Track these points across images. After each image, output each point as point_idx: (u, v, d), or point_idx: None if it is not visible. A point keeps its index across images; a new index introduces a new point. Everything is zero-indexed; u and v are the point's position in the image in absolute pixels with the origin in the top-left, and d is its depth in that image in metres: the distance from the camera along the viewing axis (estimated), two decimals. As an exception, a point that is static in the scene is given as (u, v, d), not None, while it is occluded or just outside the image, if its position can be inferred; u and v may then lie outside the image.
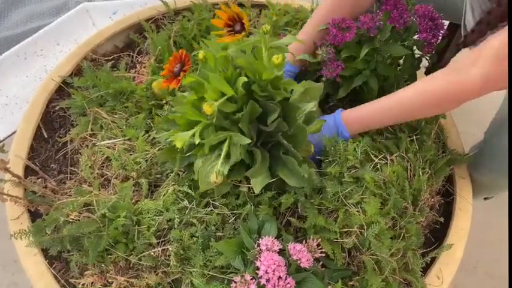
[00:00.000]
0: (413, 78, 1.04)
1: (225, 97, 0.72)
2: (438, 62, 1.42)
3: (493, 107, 0.95)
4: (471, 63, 0.75)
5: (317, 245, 0.76)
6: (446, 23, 1.28)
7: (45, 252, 0.85)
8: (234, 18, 0.69)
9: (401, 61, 1.00)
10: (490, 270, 1.34)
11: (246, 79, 0.74)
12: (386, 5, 0.91)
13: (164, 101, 1.04)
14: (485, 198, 1.22)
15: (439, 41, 0.92)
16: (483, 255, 1.37)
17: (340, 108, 0.91)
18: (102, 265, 0.83)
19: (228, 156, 0.81)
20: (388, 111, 0.86)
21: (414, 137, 0.92)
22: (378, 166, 0.85)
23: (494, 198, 1.29)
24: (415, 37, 0.93)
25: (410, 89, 0.83)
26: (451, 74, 0.78)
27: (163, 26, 1.23)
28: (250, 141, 0.76)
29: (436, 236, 0.91)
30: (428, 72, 1.46)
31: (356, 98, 1.06)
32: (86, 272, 0.83)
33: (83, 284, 0.82)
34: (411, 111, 0.85)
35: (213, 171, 0.81)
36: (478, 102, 1.64)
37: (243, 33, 0.68)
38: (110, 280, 0.82)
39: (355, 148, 0.86)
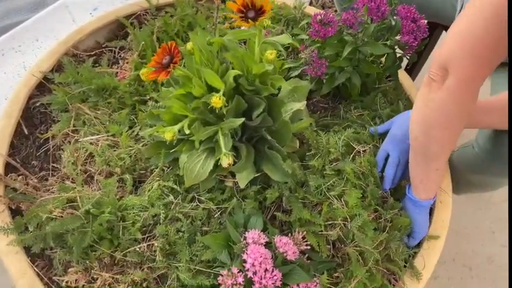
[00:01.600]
0: (395, 76, 1.06)
1: (221, 91, 0.72)
2: (417, 61, 1.46)
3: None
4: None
5: (302, 237, 0.77)
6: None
7: (27, 250, 0.83)
8: (247, 4, 0.70)
9: (383, 59, 1.02)
10: (468, 262, 1.38)
11: (237, 72, 0.75)
12: None
13: (148, 97, 1.03)
14: None
15: (419, 43, 0.93)
16: (461, 247, 1.41)
17: None
18: (87, 262, 0.82)
19: (214, 151, 0.81)
20: (494, 111, 0.83)
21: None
22: (357, 157, 0.86)
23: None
24: (398, 37, 0.95)
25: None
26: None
27: (145, 22, 1.22)
28: (243, 120, 0.76)
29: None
30: (408, 70, 1.50)
31: (339, 94, 1.08)
32: (69, 269, 0.82)
33: (67, 282, 0.81)
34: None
35: (199, 166, 0.82)
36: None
37: (260, 20, 0.68)
38: (94, 277, 0.81)
39: (336, 141, 0.87)
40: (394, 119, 0.89)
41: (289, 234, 0.79)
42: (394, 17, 0.95)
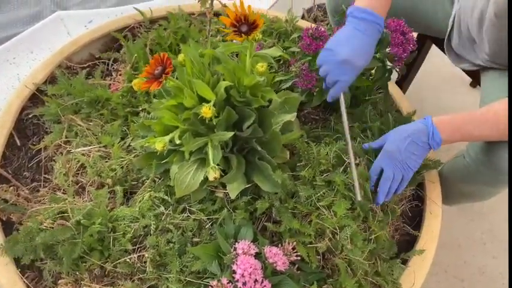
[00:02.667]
0: (385, 88, 1.07)
1: (212, 102, 0.73)
2: (407, 74, 1.48)
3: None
4: None
5: (292, 248, 0.78)
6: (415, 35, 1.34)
7: (17, 261, 0.83)
8: (240, 19, 0.71)
9: (373, 71, 1.03)
10: (459, 274, 1.38)
11: (228, 83, 0.76)
12: None
13: (140, 108, 1.04)
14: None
15: (408, 55, 0.95)
16: (453, 259, 1.41)
17: (429, 116, 0.88)
18: (77, 273, 0.81)
19: (205, 161, 0.82)
20: (484, 123, 0.84)
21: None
22: (348, 169, 0.87)
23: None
24: (387, 50, 0.97)
25: (503, 108, 0.81)
26: None
27: (139, 35, 1.23)
28: (234, 132, 0.77)
29: (408, 239, 0.94)
30: (399, 82, 1.52)
31: (329, 105, 1.09)
32: (59, 281, 0.82)
33: (57, 293, 0.81)
34: (505, 130, 0.82)
35: (189, 177, 0.83)
36: (446, 107, 1.71)
37: (252, 34, 0.70)
38: (84, 288, 0.81)
39: (327, 152, 0.88)
40: (386, 135, 0.90)
41: (279, 245, 0.79)
42: (384, 30, 0.97)
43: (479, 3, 0.94)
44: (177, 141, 0.75)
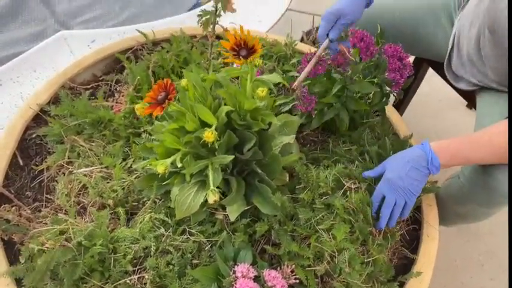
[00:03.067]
0: (382, 111, 1.09)
1: (213, 126, 0.75)
2: (404, 97, 1.51)
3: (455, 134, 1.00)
4: None
5: (291, 271, 0.78)
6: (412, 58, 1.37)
7: (18, 281, 0.83)
8: (240, 43, 0.73)
9: (371, 94, 1.06)
10: (457, 295, 1.39)
11: (229, 108, 0.78)
12: (354, 38, 0.96)
13: (142, 130, 1.06)
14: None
15: (405, 80, 0.97)
16: (450, 280, 1.42)
17: (426, 141, 0.90)
18: (77, 294, 0.82)
19: (205, 184, 0.83)
20: (481, 147, 0.87)
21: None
22: (348, 193, 0.89)
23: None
24: (385, 75, 0.99)
25: (499, 131, 0.84)
26: None
27: (142, 57, 1.26)
28: (234, 156, 0.79)
29: (405, 262, 0.95)
30: (396, 106, 1.54)
31: (328, 128, 1.11)
32: (60, 302, 0.83)
33: (57, 314, 0.82)
34: (501, 154, 0.84)
35: (190, 199, 0.84)
36: (443, 129, 1.73)
37: (251, 58, 0.72)
38: (84, 309, 0.81)
39: (326, 176, 0.90)
40: (385, 163, 0.91)
41: (278, 268, 0.80)
42: (382, 56, 1.00)
43: (476, 21, 0.97)
44: (179, 165, 0.77)
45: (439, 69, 1.34)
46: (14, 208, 0.91)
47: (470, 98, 1.23)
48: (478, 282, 1.42)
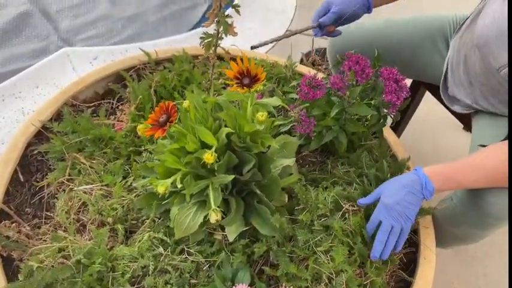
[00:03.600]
0: (380, 133, 1.11)
1: (213, 148, 0.76)
2: (401, 119, 1.53)
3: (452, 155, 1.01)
4: None
5: (289, 292, 0.79)
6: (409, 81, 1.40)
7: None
8: (243, 72, 0.75)
9: (368, 116, 1.07)
10: (454, 318, 1.38)
11: (229, 130, 0.79)
12: (349, 61, 0.98)
13: (143, 148, 1.07)
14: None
15: (402, 102, 0.99)
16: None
17: (419, 167, 0.91)
18: (74, 312, 0.82)
19: (205, 204, 0.84)
20: (474, 171, 0.89)
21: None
22: (346, 215, 0.89)
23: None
24: (382, 97, 1.01)
25: (491, 155, 0.87)
26: None
27: (144, 76, 1.28)
28: (234, 176, 0.80)
29: (402, 286, 0.95)
30: (394, 128, 1.56)
31: (327, 149, 1.13)
32: (56, 320, 0.82)
33: (53, 333, 0.81)
34: (494, 177, 0.87)
35: (189, 219, 0.85)
36: (440, 152, 1.74)
37: (254, 87, 0.74)
38: (81, 328, 0.81)
39: (325, 197, 0.91)
40: (380, 189, 0.91)
41: (276, 289, 0.81)
42: (379, 78, 1.02)
43: (467, 42, 1.00)
44: (179, 185, 0.78)
45: (435, 92, 1.36)
46: (14, 224, 0.92)
47: (466, 121, 1.26)
48: (475, 305, 1.42)
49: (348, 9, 1.05)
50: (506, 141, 0.86)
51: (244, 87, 0.74)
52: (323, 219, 0.89)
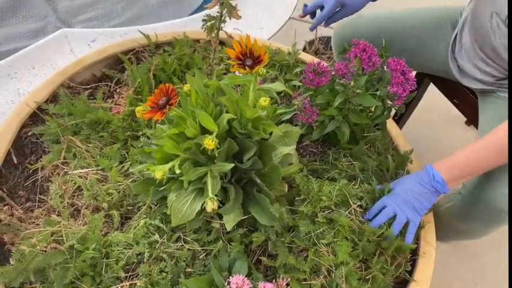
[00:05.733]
0: (383, 126, 1.09)
1: (214, 134, 0.74)
2: (404, 111, 1.51)
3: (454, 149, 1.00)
4: None
5: (286, 284, 0.77)
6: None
7: (7, 283, 0.81)
8: (245, 53, 0.72)
9: (372, 108, 1.05)
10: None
11: (231, 116, 0.77)
12: (356, 48, 0.96)
13: (140, 133, 1.04)
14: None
15: (407, 94, 0.97)
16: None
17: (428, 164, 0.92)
18: (67, 298, 0.80)
19: (203, 191, 0.82)
20: (479, 152, 0.89)
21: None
22: (352, 211, 0.88)
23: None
24: (387, 89, 0.99)
25: (491, 134, 0.88)
26: None
27: (143, 59, 1.24)
28: (234, 164, 0.77)
29: (400, 281, 0.93)
30: (396, 120, 1.54)
31: (328, 139, 1.10)
32: (48, 306, 0.81)
33: (45, 318, 0.80)
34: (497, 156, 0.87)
35: (187, 206, 0.82)
36: (440, 145, 1.73)
37: (256, 68, 0.71)
38: (73, 314, 0.79)
39: (330, 190, 0.88)
40: (394, 183, 0.93)
41: (274, 280, 0.79)
42: (385, 68, 0.99)
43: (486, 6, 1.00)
44: (177, 171, 0.75)
45: (440, 84, 1.34)
46: (6, 207, 0.89)
47: (468, 114, 1.24)
48: (471, 301, 1.42)
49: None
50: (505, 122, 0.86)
51: (247, 68, 0.71)
52: (326, 212, 0.87)
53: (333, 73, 0.96)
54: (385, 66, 0.98)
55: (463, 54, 1.14)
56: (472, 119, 1.24)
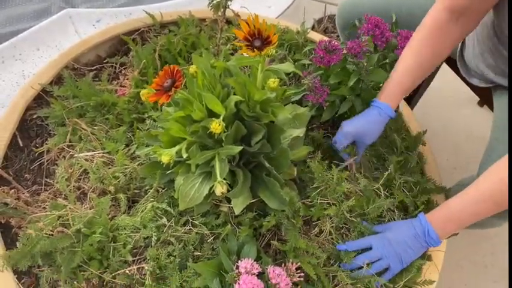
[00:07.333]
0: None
1: (221, 117, 0.71)
2: (416, 90, 1.47)
3: (465, 136, 0.97)
4: None
5: (296, 268, 0.76)
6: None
7: (14, 266, 0.81)
8: (254, 33, 0.69)
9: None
10: (460, 296, 1.37)
11: (239, 98, 0.74)
12: (368, 24, 0.93)
13: (146, 115, 1.02)
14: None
15: None
16: (454, 281, 1.40)
17: (421, 213, 0.86)
18: (75, 282, 0.80)
19: (210, 175, 0.80)
20: (482, 203, 0.80)
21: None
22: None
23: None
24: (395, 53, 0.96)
25: (495, 178, 0.78)
26: None
27: (148, 39, 1.22)
28: (242, 147, 0.75)
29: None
30: (407, 100, 1.51)
31: (338, 121, 1.08)
32: (56, 289, 0.80)
33: (53, 302, 0.80)
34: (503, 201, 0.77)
35: (194, 190, 0.81)
36: (451, 126, 1.69)
37: (265, 49, 0.68)
38: (81, 298, 0.79)
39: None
40: (387, 225, 0.89)
41: (283, 264, 0.77)
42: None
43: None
44: (184, 155, 0.74)
45: (453, 65, 1.30)
46: (12, 191, 0.88)
47: (482, 94, 1.20)
48: (482, 284, 1.40)
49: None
50: (503, 160, 0.78)
51: (255, 50, 0.68)
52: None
53: (344, 51, 0.93)
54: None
55: (479, 58, 1.09)
56: (487, 101, 1.21)
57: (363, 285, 0.80)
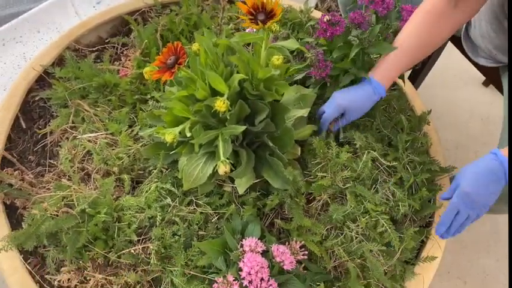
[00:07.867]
0: (398, 86, 1.05)
1: (225, 95, 0.71)
2: (421, 69, 1.45)
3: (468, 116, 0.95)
4: None
5: (300, 247, 0.76)
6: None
7: (20, 246, 0.82)
8: (257, 7, 0.68)
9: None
10: (463, 275, 1.38)
11: (242, 76, 0.74)
12: None
13: (149, 96, 1.02)
14: None
15: None
16: (457, 260, 1.40)
17: (496, 149, 0.81)
18: (80, 262, 0.80)
19: (214, 155, 0.80)
20: None
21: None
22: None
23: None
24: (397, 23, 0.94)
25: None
26: None
27: (150, 19, 1.20)
28: (246, 127, 0.75)
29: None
30: (412, 80, 1.49)
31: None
32: (62, 269, 0.81)
33: (59, 281, 0.80)
34: None
35: (198, 169, 0.81)
36: (456, 105, 1.68)
37: (269, 23, 0.67)
38: (87, 277, 0.80)
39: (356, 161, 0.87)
40: (459, 176, 0.82)
41: (287, 243, 0.78)
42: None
43: None
44: (188, 134, 0.73)
45: (458, 43, 1.28)
46: (16, 172, 0.89)
47: (491, 75, 1.18)
48: (485, 263, 1.41)
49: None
50: None
51: (259, 23, 0.67)
52: (348, 185, 0.85)
53: (347, 23, 0.92)
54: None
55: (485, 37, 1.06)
56: (494, 80, 1.19)
57: (356, 257, 0.80)
